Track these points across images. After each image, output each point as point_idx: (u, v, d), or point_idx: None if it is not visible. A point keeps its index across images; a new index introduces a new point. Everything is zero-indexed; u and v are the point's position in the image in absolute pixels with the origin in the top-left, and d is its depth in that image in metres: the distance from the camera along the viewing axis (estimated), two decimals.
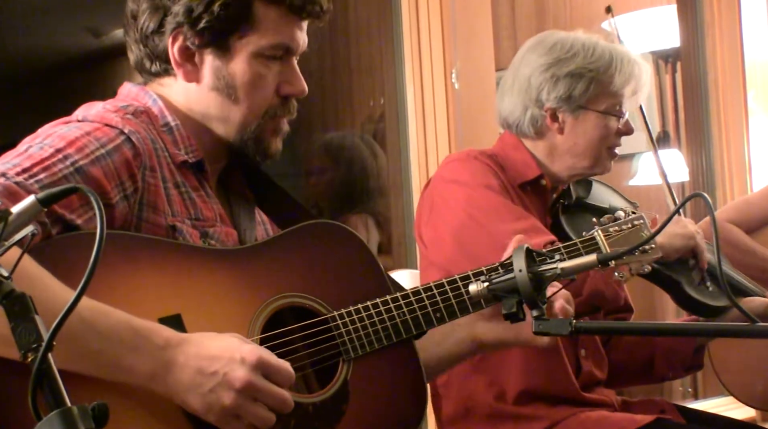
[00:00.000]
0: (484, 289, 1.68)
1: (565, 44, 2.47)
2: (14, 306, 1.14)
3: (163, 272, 1.67)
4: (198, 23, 1.76)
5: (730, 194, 4.34)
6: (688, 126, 4.50)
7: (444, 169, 2.50)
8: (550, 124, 2.48)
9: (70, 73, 7.24)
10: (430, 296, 1.84)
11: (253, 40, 1.78)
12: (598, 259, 1.66)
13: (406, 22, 3.65)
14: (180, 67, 1.80)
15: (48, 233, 1.55)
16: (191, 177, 1.80)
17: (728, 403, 3.23)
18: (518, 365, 2.38)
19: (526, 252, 1.63)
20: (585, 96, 2.45)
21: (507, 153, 2.52)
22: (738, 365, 2.90)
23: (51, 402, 1.09)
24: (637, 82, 2.49)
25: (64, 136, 1.64)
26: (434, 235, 2.43)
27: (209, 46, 1.78)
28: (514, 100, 2.51)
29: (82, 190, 1.18)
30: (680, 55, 4.54)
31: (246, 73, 1.79)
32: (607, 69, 2.45)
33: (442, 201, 2.42)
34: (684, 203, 1.75)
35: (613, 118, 2.48)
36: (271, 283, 1.74)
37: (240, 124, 1.81)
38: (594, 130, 2.47)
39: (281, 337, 1.72)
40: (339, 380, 1.75)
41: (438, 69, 3.58)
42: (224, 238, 1.80)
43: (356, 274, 1.84)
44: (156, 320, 1.59)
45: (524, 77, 2.49)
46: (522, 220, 2.33)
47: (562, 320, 1.60)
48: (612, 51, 2.47)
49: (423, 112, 3.62)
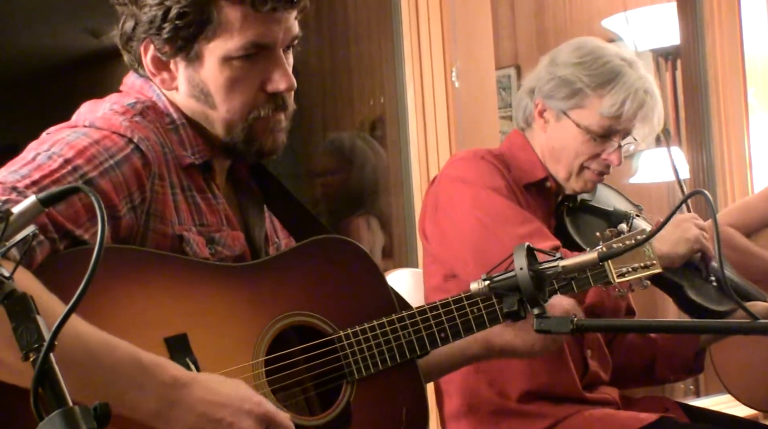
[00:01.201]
0: (485, 287, 1.69)
1: (585, 51, 2.43)
2: (15, 306, 1.14)
3: (170, 289, 1.65)
4: (161, 32, 1.71)
5: (731, 191, 4.34)
6: (688, 123, 4.50)
7: (450, 168, 2.49)
8: (536, 118, 2.47)
9: (70, 73, 7.23)
10: (435, 316, 1.82)
11: (219, 44, 1.70)
12: (599, 256, 1.67)
13: (406, 22, 3.64)
14: (156, 77, 1.76)
15: (56, 248, 1.54)
16: (198, 179, 1.77)
17: (730, 401, 3.22)
18: (521, 366, 2.38)
19: (527, 250, 1.63)
20: (565, 103, 2.41)
21: (514, 153, 2.51)
22: (740, 367, 2.90)
23: (53, 402, 1.09)
24: (633, 115, 2.38)
25: (73, 144, 1.61)
26: (439, 232, 2.43)
27: (178, 53, 1.73)
28: (525, 85, 2.52)
29: (83, 190, 1.18)
30: (680, 53, 4.54)
31: (218, 78, 1.73)
32: (599, 87, 2.38)
33: (448, 199, 2.41)
34: (684, 201, 1.75)
35: (593, 138, 2.40)
36: (277, 302, 1.73)
37: (224, 127, 1.76)
38: (571, 141, 2.42)
39: (286, 358, 1.71)
40: (342, 403, 1.74)
41: (438, 68, 3.57)
42: (231, 242, 1.77)
43: (363, 292, 1.82)
44: (162, 339, 1.58)
45: (541, 66, 2.49)
46: (527, 223, 2.33)
47: (563, 318, 1.60)
48: (622, 73, 2.38)
49: (423, 111, 3.62)
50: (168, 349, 1.59)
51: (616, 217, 2.50)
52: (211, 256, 1.73)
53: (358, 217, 4.31)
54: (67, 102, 1.88)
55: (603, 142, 2.41)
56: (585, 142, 2.41)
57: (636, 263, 1.97)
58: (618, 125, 2.40)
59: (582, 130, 2.40)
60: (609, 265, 1.93)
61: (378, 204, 4.39)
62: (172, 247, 1.68)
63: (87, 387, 1.46)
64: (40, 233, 1.50)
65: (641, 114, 2.40)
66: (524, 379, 2.39)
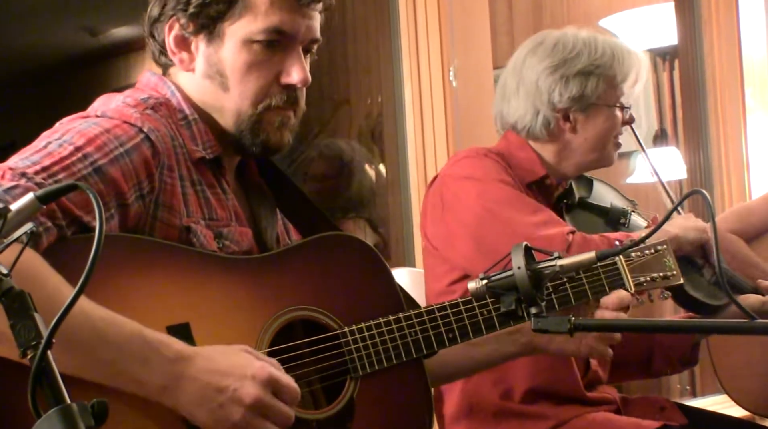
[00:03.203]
0: (482, 286, 1.68)
1: (567, 44, 2.47)
2: (13, 303, 1.14)
3: (175, 279, 1.66)
4: (188, 8, 1.74)
5: (728, 192, 4.34)
6: (685, 124, 4.51)
7: (455, 167, 2.47)
8: (563, 125, 2.48)
9: (68, 71, 7.23)
10: (444, 316, 1.82)
11: (244, 24, 1.74)
12: (596, 255, 1.66)
13: (403, 21, 3.65)
14: (175, 56, 1.79)
15: (63, 234, 1.55)
16: (208, 174, 1.78)
17: (725, 401, 3.22)
18: (525, 364, 2.37)
19: (525, 250, 1.62)
20: (596, 93, 2.45)
21: (512, 152, 2.51)
22: (740, 370, 2.90)
23: (50, 399, 1.09)
24: (637, 73, 2.50)
25: (84, 132, 1.63)
26: (446, 233, 2.41)
27: (201, 31, 1.76)
28: (523, 104, 2.49)
29: (82, 188, 1.18)
30: (678, 53, 4.54)
31: (236, 60, 1.75)
32: (611, 63, 2.45)
33: (455, 198, 2.40)
34: (683, 200, 1.75)
35: (619, 110, 2.50)
36: (282, 295, 1.73)
37: (233, 113, 1.78)
38: (603, 124, 2.48)
39: (289, 351, 1.71)
40: (345, 397, 1.74)
41: (435, 67, 3.58)
42: (239, 237, 1.77)
43: (369, 289, 1.82)
44: (164, 328, 1.58)
45: (531, 81, 2.47)
46: (539, 212, 2.34)
47: (560, 318, 1.60)
48: (612, 45, 2.48)
49: (421, 111, 3.62)
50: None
51: (613, 213, 2.53)
52: (219, 250, 1.73)
53: (347, 220, 4.32)
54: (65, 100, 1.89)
55: (622, 110, 2.51)
56: (613, 117, 2.50)
57: (655, 273, 1.97)
58: (626, 88, 2.51)
59: (612, 107, 2.49)
60: (626, 274, 1.94)
61: (368, 209, 4.38)
62: (180, 238, 1.69)
63: (94, 365, 1.48)
64: (47, 220, 1.52)
65: (644, 68, 2.53)
66: (528, 377, 2.38)
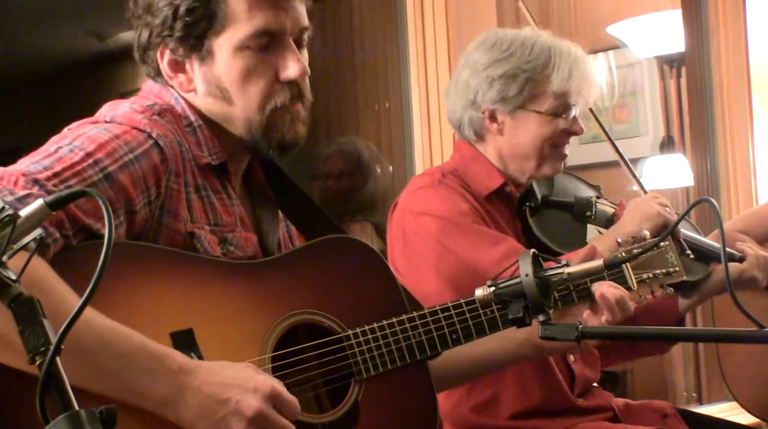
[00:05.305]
0: (490, 293, 1.68)
1: (504, 43, 2.42)
2: (22, 309, 1.14)
3: (177, 285, 1.66)
4: (173, 32, 1.75)
5: (735, 199, 4.33)
6: (692, 131, 4.49)
7: (411, 199, 2.42)
8: (488, 125, 2.44)
9: (75, 75, 7.25)
10: (447, 317, 1.83)
11: (230, 35, 1.75)
12: (604, 263, 1.66)
13: (411, 25, 3.65)
14: (173, 79, 1.80)
15: (69, 244, 1.55)
16: (213, 179, 1.79)
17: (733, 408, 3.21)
18: (512, 388, 2.36)
19: (533, 257, 1.62)
20: (520, 97, 2.39)
21: (467, 165, 2.47)
22: (749, 377, 2.89)
23: (59, 405, 1.09)
24: (580, 80, 2.41)
25: (94, 138, 1.64)
26: (412, 268, 2.37)
27: (192, 52, 1.77)
28: (455, 100, 2.47)
29: (92, 194, 1.18)
30: (685, 60, 4.54)
31: (231, 70, 1.76)
32: (543, 69, 2.38)
33: (415, 235, 2.37)
34: (690, 209, 1.73)
35: (557, 118, 2.41)
36: (285, 299, 1.73)
37: (243, 122, 1.79)
38: (535, 130, 2.41)
39: (293, 355, 1.71)
40: (349, 401, 1.74)
41: (443, 72, 3.58)
42: (243, 243, 1.78)
43: (373, 292, 1.82)
44: (168, 334, 1.59)
45: (464, 78, 2.45)
46: (499, 244, 2.29)
47: (568, 325, 1.60)
48: (552, 49, 2.40)
49: (428, 115, 3.62)
50: (173, 344, 1.60)
51: (578, 206, 2.51)
52: (223, 255, 1.74)
53: (353, 223, 4.31)
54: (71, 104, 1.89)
55: (564, 119, 2.42)
56: (548, 125, 2.41)
57: (657, 270, 1.96)
58: (570, 96, 2.41)
59: (544, 115, 2.40)
60: (629, 271, 1.93)
61: (375, 213, 4.37)
62: (184, 245, 1.70)
63: (99, 375, 1.48)
64: (56, 231, 1.52)
65: (588, 76, 2.42)
66: (516, 401, 2.36)
